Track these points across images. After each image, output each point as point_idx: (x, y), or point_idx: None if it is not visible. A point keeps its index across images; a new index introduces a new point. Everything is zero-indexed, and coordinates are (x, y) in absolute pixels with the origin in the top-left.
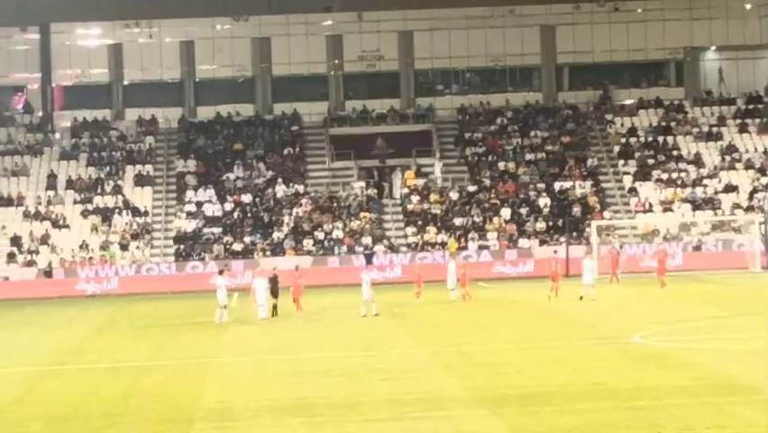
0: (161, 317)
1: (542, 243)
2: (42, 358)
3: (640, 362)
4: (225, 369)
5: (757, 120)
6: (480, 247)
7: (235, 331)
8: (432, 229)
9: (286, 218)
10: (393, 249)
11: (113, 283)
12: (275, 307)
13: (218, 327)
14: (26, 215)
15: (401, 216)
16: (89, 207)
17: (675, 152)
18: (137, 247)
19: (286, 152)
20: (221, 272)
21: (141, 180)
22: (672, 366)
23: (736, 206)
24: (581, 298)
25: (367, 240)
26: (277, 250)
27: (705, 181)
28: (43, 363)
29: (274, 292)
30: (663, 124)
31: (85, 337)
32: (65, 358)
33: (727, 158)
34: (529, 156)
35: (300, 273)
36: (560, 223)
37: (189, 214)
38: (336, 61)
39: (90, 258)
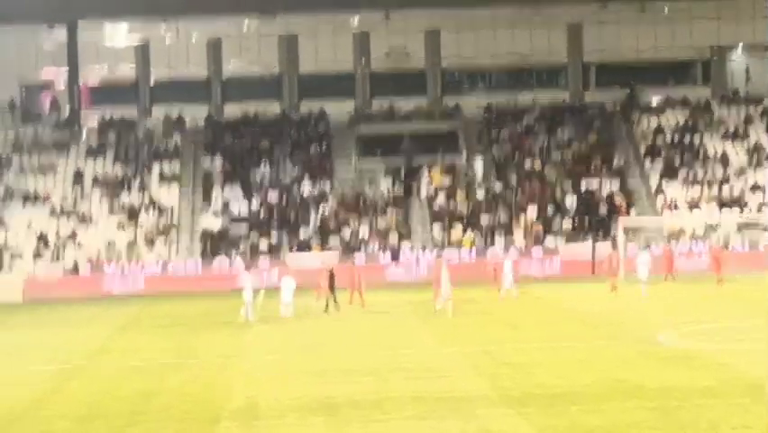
0: (187, 316)
1: (568, 241)
2: (68, 356)
3: (666, 362)
4: (250, 367)
5: None
6: (507, 246)
7: (260, 330)
8: (458, 227)
9: (312, 216)
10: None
11: (138, 281)
12: (335, 301)
13: (243, 326)
14: (52, 212)
15: (427, 215)
16: (116, 204)
17: (702, 152)
18: (163, 245)
19: (312, 150)
20: (248, 269)
21: (167, 178)
22: (697, 367)
23: (763, 205)
24: (643, 295)
25: (393, 238)
26: (303, 248)
27: (731, 181)
28: (69, 362)
29: (331, 287)
30: (690, 123)
31: (110, 336)
32: (90, 356)
33: (754, 157)
34: (556, 155)
35: (358, 268)
36: (586, 222)
37: (215, 212)
38: (363, 60)
39: (117, 255)
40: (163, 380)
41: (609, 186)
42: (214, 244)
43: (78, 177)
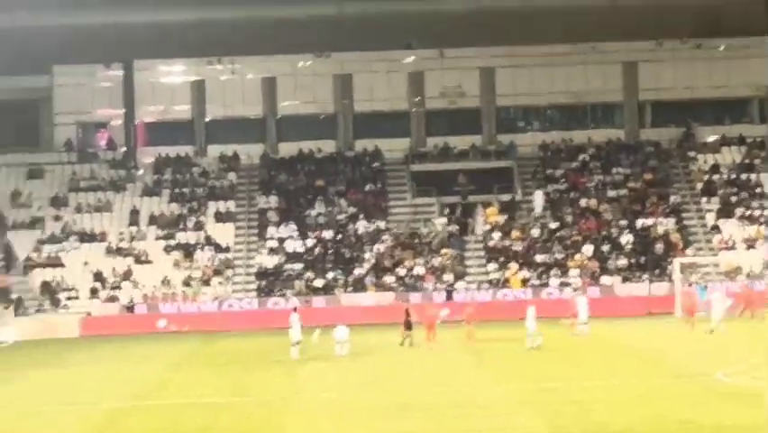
0: (242, 354)
1: (624, 280)
2: (123, 394)
3: (725, 400)
4: (305, 405)
5: None
6: (562, 284)
7: (315, 367)
8: (513, 266)
9: (367, 254)
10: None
11: (194, 319)
12: (408, 338)
13: (298, 364)
14: (109, 250)
15: (483, 253)
16: (171, 242)
17: (758, 190)
18: (219, 283)
19: (367, 188)
20: (295, 310)
21: (222, 216)
22: (757, 404)
23: None
24: (712, 331)
25: (449, 276)
26: (358, 286)
27: None
28: (124, 399)
29: (407, 325)
30: (747, 161)
31: (165, 373)
32: (145, 394)
33: None
34: (611, 193)
35: (432, 306)
36: (642, 260)
37: (271, 250)
38: (418, 98)
39: (172, 294)
40: (218, 418)
41: (665, 224)
42: (270, 281)
43: (135, 215)
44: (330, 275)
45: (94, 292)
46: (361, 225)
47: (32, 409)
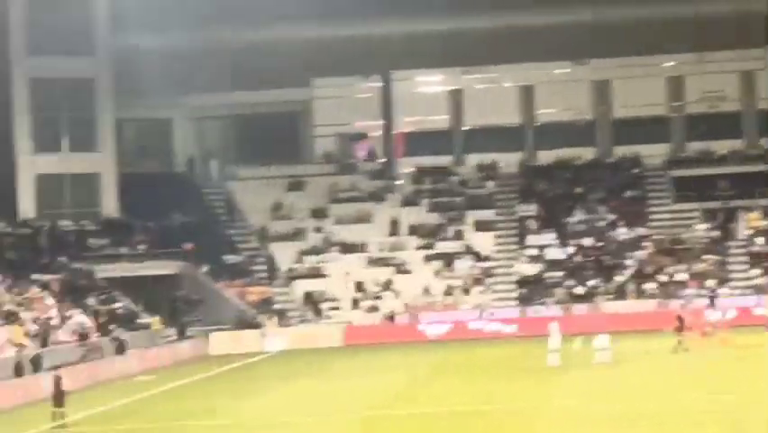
0: (502, 361)
1: None
2: (377, 402)
3: None
4: (560, 415)
5: None
6: None
7: (574, 376)
8: None
9: (628, 261)
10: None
11: (454, 328)
12: (680, 344)
13: (556, 372)
14: (369, 261)
15: (746, 258)
16: (431, 252)
17: None
18: (479, 292)
19: (627, 194)
20: (554, 318)
21: (482, 225)
22: None
23: None
24: None
25: (711, 282)
26: (619, 293)
27: None
28: (377, 408)
29: (679, 330)
30: None
31: (421, 382)
32: (400, 403)
33: None
34: None
35: (703, 311)
36: None
37: (531, 258)
38: (677, 103)
39: (433, 303)
40: (468, 426)
41: None
42: (530, 289)
43: (394, 225)
44: (590, 283)
45: (355, 302)
46: (622, 232)
47: (290, 420)
